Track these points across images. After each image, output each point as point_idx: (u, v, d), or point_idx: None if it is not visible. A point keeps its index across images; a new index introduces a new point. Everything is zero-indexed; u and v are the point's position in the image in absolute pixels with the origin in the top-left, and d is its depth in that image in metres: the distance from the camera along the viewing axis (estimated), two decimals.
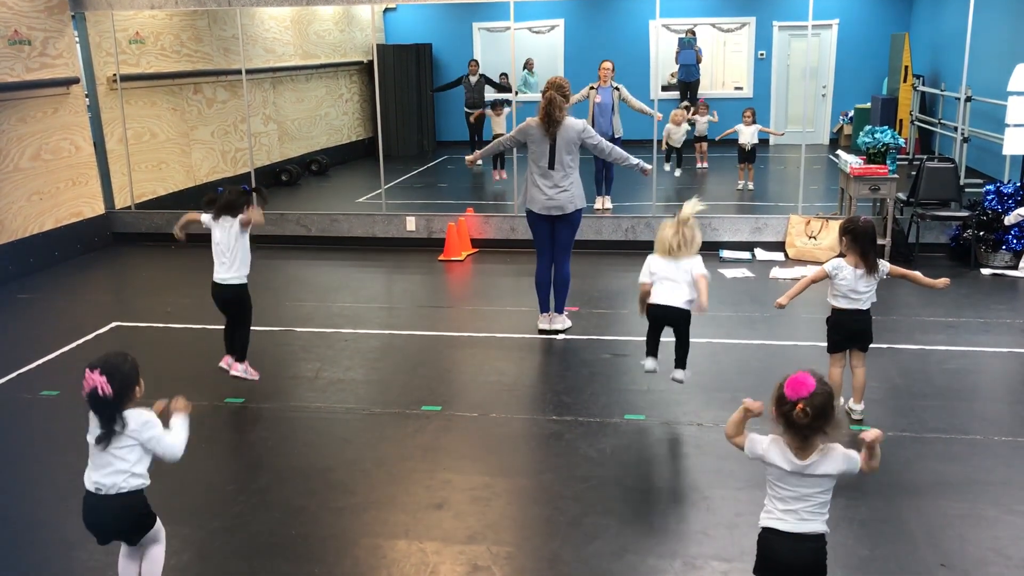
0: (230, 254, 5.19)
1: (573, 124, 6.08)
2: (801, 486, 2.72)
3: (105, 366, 3.02)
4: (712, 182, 12.34)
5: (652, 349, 5.08)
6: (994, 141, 9.47)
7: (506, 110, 12.17)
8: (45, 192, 8.75)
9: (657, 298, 4.90)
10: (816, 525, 2.74)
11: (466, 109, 13.50)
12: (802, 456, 2.71)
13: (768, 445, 2.78)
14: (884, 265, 4.67)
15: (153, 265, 8.99)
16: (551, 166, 6.12)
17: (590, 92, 9.90)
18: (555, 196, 6.14)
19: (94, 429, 3.05)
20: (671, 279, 4.87)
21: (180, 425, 3.22)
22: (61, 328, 6.69)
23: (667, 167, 11.38)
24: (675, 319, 4.95)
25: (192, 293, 7.40)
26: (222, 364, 5.38)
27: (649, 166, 6.60)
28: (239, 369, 5.37)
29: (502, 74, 13.95)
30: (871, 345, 4.83)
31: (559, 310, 6.48)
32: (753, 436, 2.85)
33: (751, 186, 11.34)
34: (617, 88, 9.87)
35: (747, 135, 11.25)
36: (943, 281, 4.69)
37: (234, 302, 5.31)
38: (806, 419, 2.64)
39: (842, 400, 4.91)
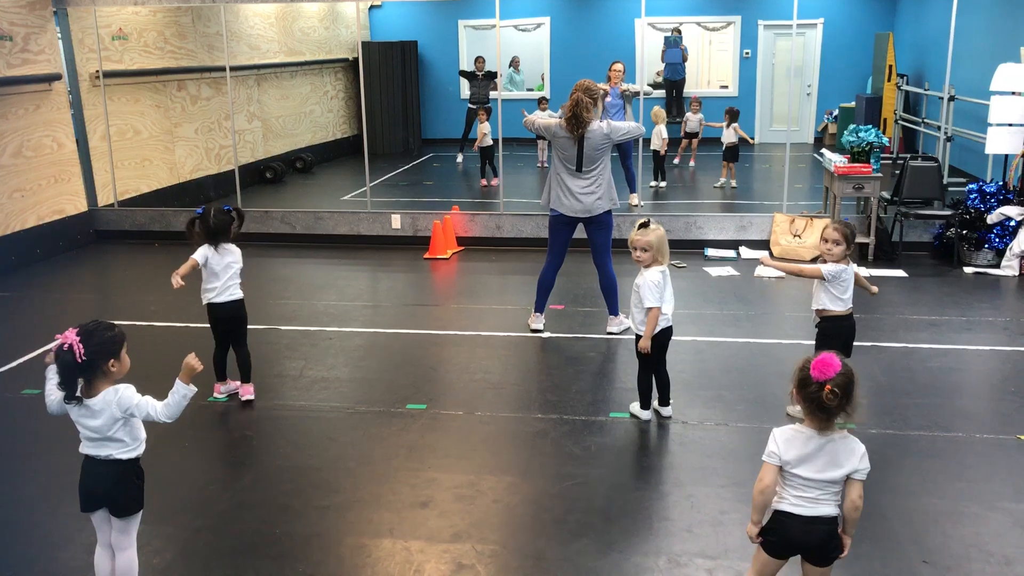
0: (225, 279, 5.07)
1: (599, 126, 5.98)
2: (818, 475, 2.76)
3: (84, 328, 3.03)
4: (700, 180, 12.37)
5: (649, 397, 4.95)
6: (977, 140, 9.53)
7: (487, 126, 12.03)
8: (27, 189, 8.68)
9: (663, 321, 4.78)
10: (828, 508, 2.80)
11: (470, 105, 13.45)
12: (822, 434, 2.76)
13: (785, 446, 2.78)
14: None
15: (136, 263, 8.93)
16: (579, 168, 6.03)
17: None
18: (583, 199, 6.05)
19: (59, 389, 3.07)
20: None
21: (174, 391, 3.12)
22: (43, 326, 6.64)
23: (651, 183, 11.39)
24: (668, 339, 4.89)
25: (175, 291, 7.35)
26: (216, 394, 5.27)
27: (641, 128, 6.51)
28: (250, 391, 5.26)
29: (477, 57, 13.84)
30: (855, 344, 4.82)
31: (614, 312, 6.38)
32: (768, 469, 2.81)
33: (734, 183, 11.41)
34: (626, 90, 9.89)
35: (727, 134, 11.33)
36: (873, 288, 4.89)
37: (236, 318, 5.18)
38: (835, 400, 2.68)
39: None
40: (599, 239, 6.21)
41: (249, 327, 5.37)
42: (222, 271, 5.07)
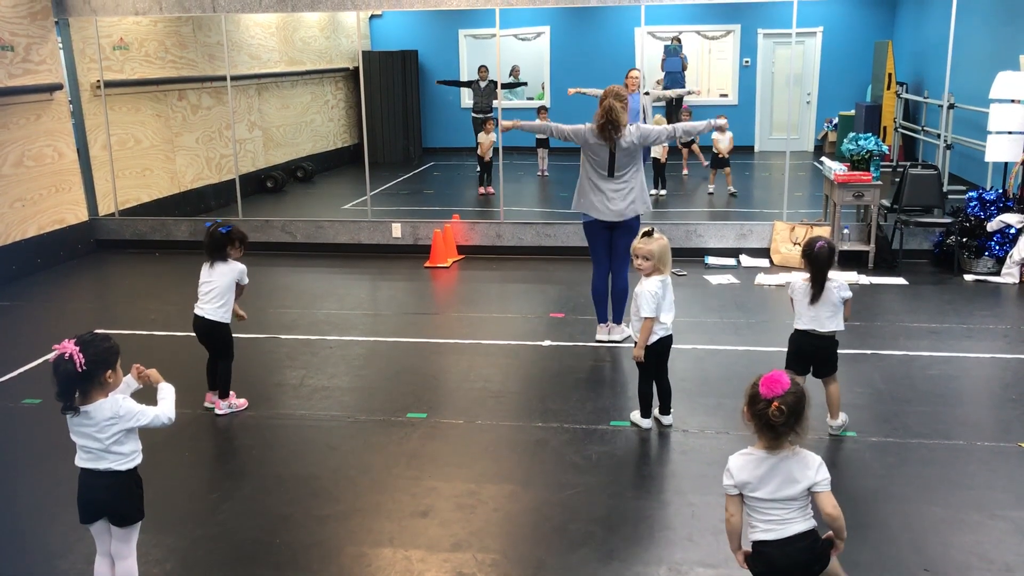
0: (216, 298, 5.06)
1: (629, 131, 5.99)
2: (777, 494, 2.75)
3: (82, 338, 3.03)
4: (700, 188, 12.38)
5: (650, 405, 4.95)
6: (976, 148, 9.54)
7: (492, 136, 12.08)
8: (28, 199, 8.70)
9: (663, 330, 4.78)
10: (800, 525, 2.77)
11: (473, 115, 13.44)
12: (773, 454, 2.75)
13: (739, 474, 2.79)
14: (845, 290, 4.57)
15: (137, 272, 8.94)
16: (611, 173, 6.04)
17: None
18: (616, 204, 6.05)
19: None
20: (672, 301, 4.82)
21: (165, 392, 3.26)
22: (43, 336, 6.64)
23: (652, 191, 11.42)
24: (670, 346, 4.88)
25: (176, 300, 7.37)
26: (206, 403, 5.27)
27: (722, 120, 6.41)
28: (223, 407, 5.22)
29: (481, 67, 13.74)
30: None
31: (617, 320, 6.37)
32: (730, 500, 2.84)
33: (732, 189, 11.47)
34: (647, 93, 9.88)
35: (723, 142, 11.37)
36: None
37: (208, 335, 5.16)
38: (781, 418, 2.67)
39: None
40: (623, 244, 6.17)
41: (250, 336, 5.38)
42: (203, 287, 5.10)
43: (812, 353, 4.64)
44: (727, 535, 2.90)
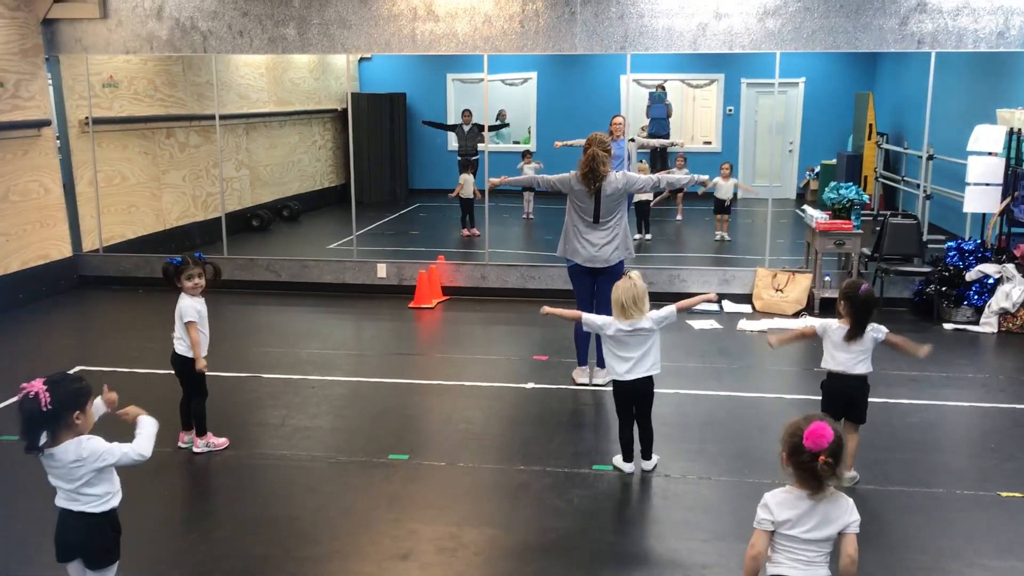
0: (177, 331, 5.09)
1: (615, 177, 6.08)
2: (812, 534, 2.78)
3: (51, 378, 3.00)
4: (685, 234, 12.49)
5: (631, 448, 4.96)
6: (955, 199, 9.68)
7: (472, 178, 12.21)
8: (12, 234, 8.67)
9: (627, 372, 4.80)
10: (822, 570, 2.82)
11: (459, 158, 13.54)
12: (813, 497, 2.78)
13: (780, 511, 2.80)
14: (879, 331, 4.63)
15: (120, 309, 8.90)
16: (596, 220, 6.11)
17: None
18: (600, 250, 6.12)
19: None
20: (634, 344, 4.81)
21: (144, 427, 3.21)
22: (22, 372, 6.57)
23: (636, 236, 11.50)
24: (646, 393, 4.90)
25: (158, 338, 7.31)
26: (179, 443, 5.23)
27: (705, 176, 6.68)
28: (200, 444, 5.19)
29: (465, 110, 13.86)
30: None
31: (601, 364, 6.38)
32: (760, 536, 2.84)
33: (727, 237, 11.58)
34: (632, 140, 9.97)
35: (725, 189, 11.50)
36: (926, 349, 4.76)
37: (178, 370, 5.17)
38: (829, 471, 2.71)
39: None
40: (606, 290, 6.20)
41: (232, 375, 5.36)
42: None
43: (847, 394, 4.67)
44: (745, 572, 2.87)
